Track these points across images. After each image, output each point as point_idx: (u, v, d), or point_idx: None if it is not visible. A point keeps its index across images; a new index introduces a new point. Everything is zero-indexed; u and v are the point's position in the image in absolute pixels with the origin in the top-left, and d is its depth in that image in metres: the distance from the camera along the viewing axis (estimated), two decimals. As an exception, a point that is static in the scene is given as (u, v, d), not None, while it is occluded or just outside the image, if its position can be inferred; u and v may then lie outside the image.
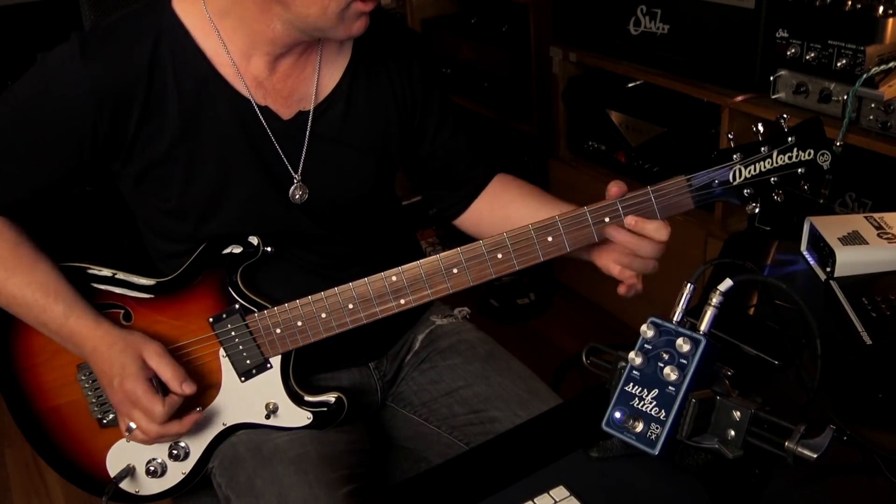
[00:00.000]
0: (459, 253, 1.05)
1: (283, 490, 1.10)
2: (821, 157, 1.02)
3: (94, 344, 1.11)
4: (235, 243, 1.12)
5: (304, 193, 1.15)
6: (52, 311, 1.11)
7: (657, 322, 0.90)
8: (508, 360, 1.33)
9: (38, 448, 1.23)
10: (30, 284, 1.11)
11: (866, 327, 1.09)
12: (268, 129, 1.11)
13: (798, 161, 1.02)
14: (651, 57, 2.20)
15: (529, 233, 1.04)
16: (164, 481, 1.20)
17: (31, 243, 1.15)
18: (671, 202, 1.03)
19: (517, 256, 1.05)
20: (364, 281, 1.08)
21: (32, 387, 1.21)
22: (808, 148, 1.02)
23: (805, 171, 1.02)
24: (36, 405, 1.21)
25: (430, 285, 1.07)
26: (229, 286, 1.13)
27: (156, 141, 1.08)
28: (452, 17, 3.13)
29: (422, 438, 1.32)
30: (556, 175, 2.75)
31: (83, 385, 1.19)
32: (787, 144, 1.02)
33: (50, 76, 1.06)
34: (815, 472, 0.89)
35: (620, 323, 2.61)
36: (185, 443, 1.18)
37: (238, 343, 1.14)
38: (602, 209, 1.05)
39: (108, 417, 1.19)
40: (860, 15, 1.65)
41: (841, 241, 1.24)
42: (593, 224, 1.04)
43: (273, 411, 1.16)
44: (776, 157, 1.02)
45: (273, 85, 1.11)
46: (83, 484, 1.23)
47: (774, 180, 1.03)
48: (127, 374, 1.08)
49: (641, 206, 1.03)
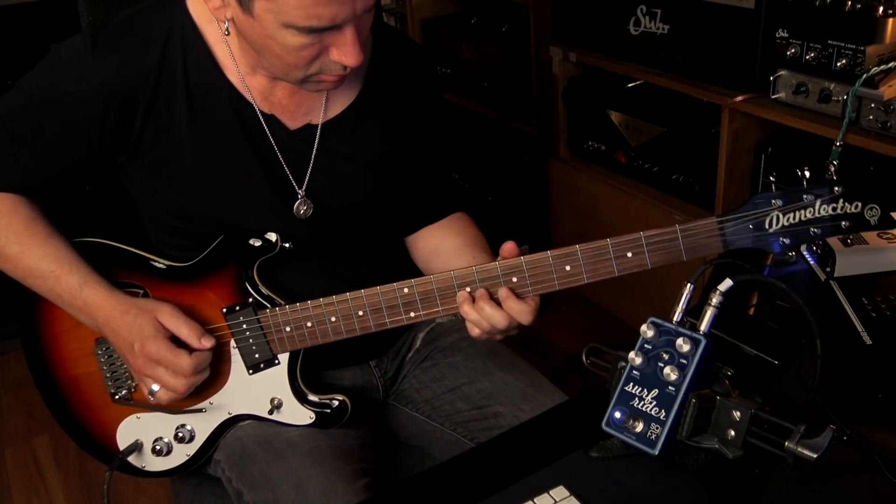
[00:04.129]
0: (474, 272, 1.04)
1: (300, 481, 1.10)
2: (868, 211, 0.91)
3: (107, 313, 1.12)
4: (255, 237, 1.13)
5: (309, 209, 1.15)
6: (66, 282, 1.13)
7: (657, 322, 0.90)
8: (510, 355, 1.33)
9: (56, 414, 1.26)
10: (44, 257, 1.13)
11: (866, 327, 1.09)
12: (272, 140, 1.12)
13: (843, 213, 0.92)
14: (651, 57, 2.20)
15: (548, 260, 1.01)
16: (168, 460, 1.22)
17: (45, 219, 1.17)
18: (699, 243, 0.96)
19: (532, 283, 1.03)
20: (377, 290, 1.08)
21: (54, 355, 1.23)
22: (855, 200, 0.92)
23: (849, 225, 0.92)
24: (57, 373, 1.24)
25: (442, 301, 1.06)
26: (245, 280, 1.14)
27: (162, 139, 1.09)
28: (452, 17, 3.12)
29: (425, 435, 1.32)
30: (556, 175, 2.75)
31: (99, 359, 1.21)
32: (833, 195, 0.92)
33: (60, 68, 1.07)
34: (815, 472, 0.89)
35: (620, 323, 2.61)
36: (190, 426, 1.20)
37: (249, 336, 1.15)
38: (625, 243, 0.98)
39: (120, 393, 1.20)
40: (860, 15, 1.65)
41: (841, 242, 1.24)
42: (615, 258, 0.99)
43: (277, 407, 1.17)
44: (819, 208, 0.92)
45: (279, 100, 1.11)
46: (94, 452, 1.26)
47: (815, 231, 0.93)
48: (146, 336, 1.10)
49: (667, 245, 0.97)
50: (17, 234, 1.14)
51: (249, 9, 0.93)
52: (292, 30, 0.93)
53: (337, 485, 1.09)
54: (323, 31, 0.94)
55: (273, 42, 0.95)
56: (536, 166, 2.85)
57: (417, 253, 1.31)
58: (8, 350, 2.79)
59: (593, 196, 2.58)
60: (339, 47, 0.96)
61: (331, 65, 0.99)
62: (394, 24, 3.33)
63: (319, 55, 0.98)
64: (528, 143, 2.85)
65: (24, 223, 1.15)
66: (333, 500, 1.07)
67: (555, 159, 2.75)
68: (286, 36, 0.94)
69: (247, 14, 0.94)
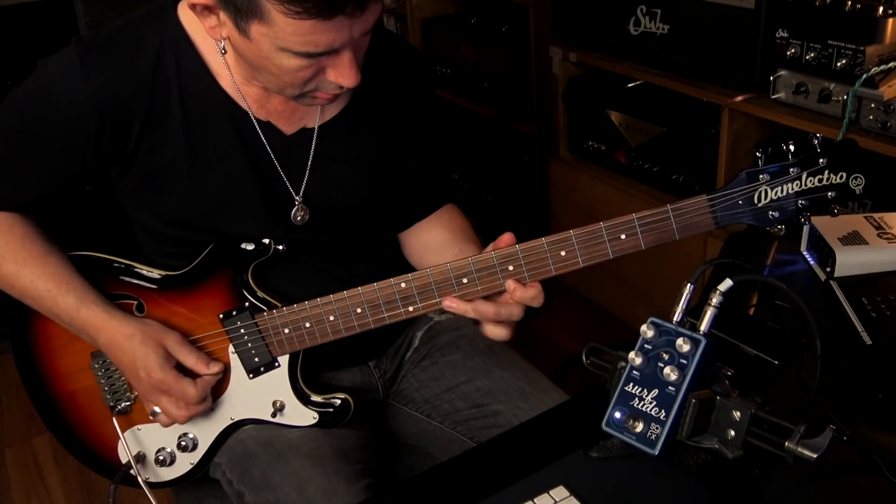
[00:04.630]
0: (470, 263, 1.04)
1: (301, 483, 1.10)
2: (853, 180, 0.94)
3: (109, 336, 1.12)
4: (246, 241, 1.13)
5: (306, 215, 1.15)
6: (63, 302, 1.12)
7: (657, 322, 0.90)
8: (508, 353, 1.33)
9: (54, 430, 1.26)
10: (41, 276, 1.13)
11: (866, 327, 1.09)
12: (268, 148, 1.11)
13: (829, 184, 0.94)
14: (651, 57, 2.20)
15: (543, 246, 1.02)
16: (172, 470, 1.22)
17: (42, 237, 1.16)
18: (690, 221, 0.97)
19: (528, 270, 1.03)
20: (374, 286, 1.08)
21: (49, 371, 1.23)
22: (840, 171, 0.94)
23: (836, 196, 0.95)
24: (52, 389, 1.23)
25: (440, 294, 1.06)
26: (240, 285, 1.14)
27: (158, 151, 1.08)
28: (452, 17, 3.13)
29: (425, 434, 1.32)
30: (556, 175, 2.75)
31: (96, 373, 1.21)
32: (818, 166, 0.94)
33: (49, 85, 1.05)
34: (815, 472, 0.89)
35: (620, 323, 2.61)
36: (193, 434, 1.20)
37: (247, 340, 1.15)
38: (618, 225, 0.99)
39: (120, 405, 1.20)
40: (860, 15, 1.65)
41: (841, 241, 1.24)
42: (609, 240, 1.00)
43: (280, 409, 1.17)
44: (805, 180, 0.94)
45: (274, 107, 1.11)
46: (96, 467, 1.25)
47: (802, 203, 0.95)
48: (153, 366, 1.10)
49: (660, 225, 0.98)
50: (12, 254, 1.13)
51: (246, 31, 0.92)
52: (289, 53, 0.92)
53: (338, 485, 1.09)
54: (321, 56, 0.93)
55: (269, 63, 0.95)
56: (536, 166, 2.85)
57: (409, 250, 1.31)
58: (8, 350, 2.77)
59: (593, 196, 2.58)
60: (336, 69, 0.96)
61: (327, 84, 0.99)
62: (394, 24, 3.33)
63: (316, 75, 0.97)
64: (528, 143, 2.85)
65: (20, 242, 1.14)
66: (335, 500, 1.07)
67: (555, 159, 2.75)
68: (283, 59, 0.93)
69: (243, 35, 0.93)
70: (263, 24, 0.89)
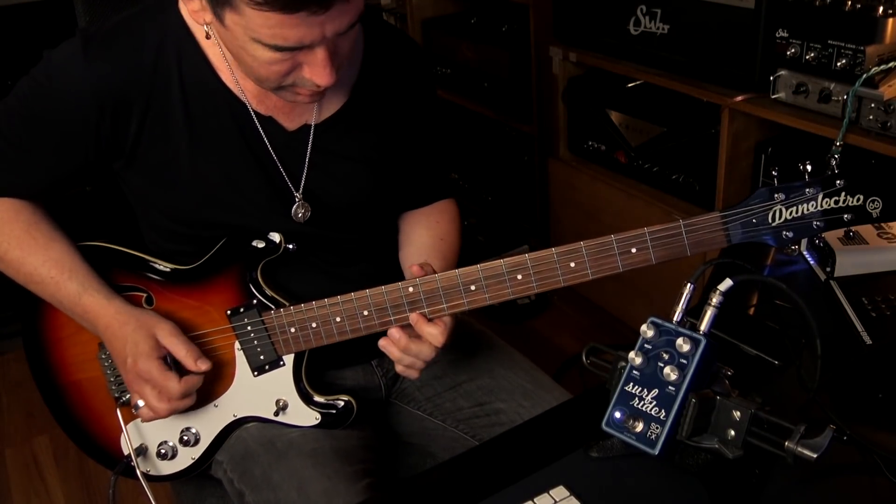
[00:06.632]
0: (479, 270, 1.03)
1: (302, 483, 1.10)
2: (870, 203, 0.92)
3: (106, 321, 1.12)
4: (258, 238, 1.13)
5: (307, 212, 1.15)
6: (66, 288, 1.13)
7: (657, 322, 0.90)
8: (510, 352, 1.34)
9: (59, 419, 1.26)
10: (45, 263, 1.13)
11: (866, 327, 1.09)
12: (268, 143, 1.11)
13: (845, 206, 0.92)
14: (651, 57, 2.20)
15: (552, 256, 1.01)
16: (173, 464, 1.22)
17: (48, 223, 1.17)
18: (702, 238, 0.96)
19: (537, 279, 1.02)
20: (381, 289, 1.08)
21: (57, 360, 1.23)
22: (857, 193, 0.92)
23: (851, 218, 0.92)
24: (59, 378, 1.24)
25: (447, 299, 1.06)
26: (249, 282, 1.14)
27: (160, 145, 1.09)
28: (452, 17, 3.13)
29: (427, 433, 1.32)
30: (556, 175, 2.75)
31: (103, 364, 1.21)
32: (835, 188, 0.92)
33: (53, 75, 1.06)
34: (815, 472, 0.89)
35: (620, 323, 2.61)
36: (195, 429, 1.20)
37: (253, 338, 1.15)
38: (629, 238, 0.98)
39: (125, 396, 1.20)
40: (860, 15, 1.65)
41: (841, 241, 1.24)
42: (619, 253, 0.99)
43: (282, 408, 1.17)
44: (822, 201, 0.92)
45: (274, 102, 1.11)
46: (98, 457, 1.26)
47: (818, 225, 0.93)
48: (140, 353, 1.09)
49: (672, 240, 0.97)
50: (17, 240, 1.14)
51: (221, 18, 0.92)
52: (261, 45, 0.92)
53: (339, 486, 1.09)
54: (293, 50, 0.93)
55: (245, 53, 0.95)
56: (536, 166, 2.85)
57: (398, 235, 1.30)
58: (8, 350, 2.79)
59: (593, 196, 2.58)
60: (312, 66, 0.95)
61: (304, 80, 0.98)
62: (394, 24, 3.33)
63: (293, 70, 0.97)
64: (528, 143, 2.85)
65: (25, 228, 1.15)
66: (335, 500, 1.07)
67: (555, 159, 2.75)
68: (257, 49, 0.93)
69: (220, 22, 0.94)
70: (235, 13, 0.90)
